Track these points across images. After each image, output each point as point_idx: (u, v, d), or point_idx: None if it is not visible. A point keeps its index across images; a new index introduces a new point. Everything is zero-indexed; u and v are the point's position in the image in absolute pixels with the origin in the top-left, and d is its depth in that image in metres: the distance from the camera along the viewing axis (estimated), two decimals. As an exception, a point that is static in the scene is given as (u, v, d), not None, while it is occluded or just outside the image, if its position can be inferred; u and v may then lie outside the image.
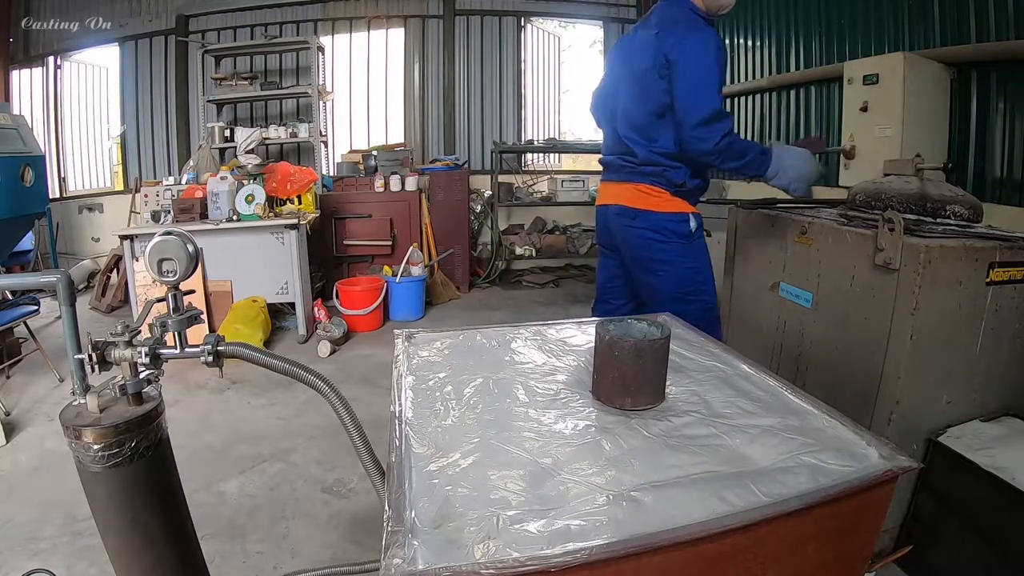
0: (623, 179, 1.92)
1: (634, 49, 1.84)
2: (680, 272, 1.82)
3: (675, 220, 1.81)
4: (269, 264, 3.77)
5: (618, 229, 1.93)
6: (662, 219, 1.82)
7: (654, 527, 0.66)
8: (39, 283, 1.15)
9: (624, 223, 1.89)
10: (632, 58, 1.84)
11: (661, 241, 1.82)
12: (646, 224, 1.84)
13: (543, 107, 6.27)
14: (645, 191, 1.85)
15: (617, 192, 1.94)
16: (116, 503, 1.01)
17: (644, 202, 1.84)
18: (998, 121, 2.56)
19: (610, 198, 1.97)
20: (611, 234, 1.99)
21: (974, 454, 1.48)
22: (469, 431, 0.90)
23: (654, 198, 1.83)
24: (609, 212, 1.97)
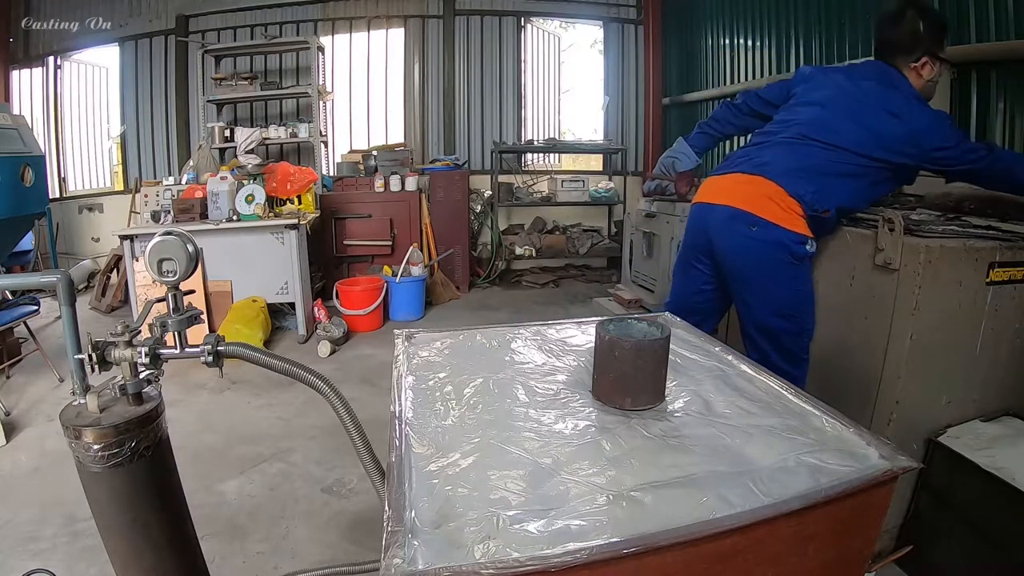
0: (753, 171, 1.72)
1: (859, 90, 1.74)
2: (785, 294, 1.71)
3: (795, 239, 1.66)
4: (269, 264, 3.77)
5: (726, 234, 1.73)
6: (784, 235, 1.65)
7: (654, 527, 0.66)
8: (39, 283, 1.15)
9: (738, 229, 1.69)
10: (857, 96, 1.73)
11: (778, 259, 1.67)
12: (767, 237, 1.66)
13: (543, 107, 6.27)
14: (778, 200, 1.66)
15: (737, 188, 1.73)
16: (116, 503, 1.01)
17: (771, 212, 1.65)
18: (998, 121, 2.56)
19: (723, 197, 1.76)
20: (710, 239, 1.79)
21: (974, 454, 1.48)
22: (469, 431, 0.90)
23: (783, 212, 1.65)
24: (716, 213, 1.76)
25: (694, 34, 5.26)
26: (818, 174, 1.67)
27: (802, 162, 1.69)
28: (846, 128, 1.69)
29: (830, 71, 1.89)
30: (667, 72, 5.78)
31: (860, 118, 1.69)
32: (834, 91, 1.78)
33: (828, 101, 1.76)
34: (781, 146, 1.75)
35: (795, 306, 1.72)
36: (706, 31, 5.04)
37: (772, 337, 1.73)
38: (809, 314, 1.75)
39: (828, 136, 1.69)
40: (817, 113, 1.75)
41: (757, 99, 2.01)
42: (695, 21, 5.22)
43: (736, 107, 2.07)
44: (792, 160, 1.70)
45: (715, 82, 4.92)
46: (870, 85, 1.73)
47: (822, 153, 1.69)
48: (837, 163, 1.68)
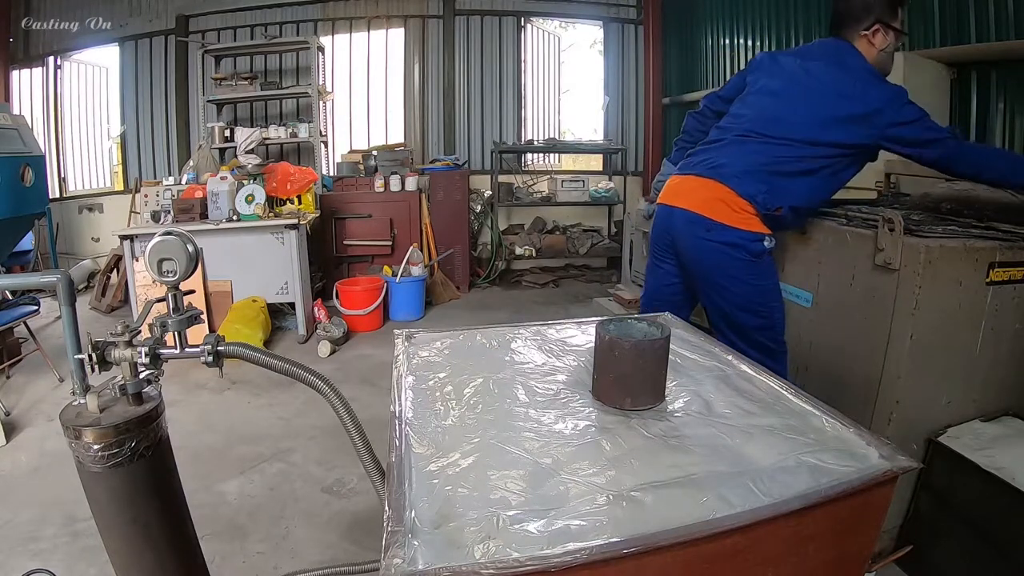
0: (708, 175, 1.74)
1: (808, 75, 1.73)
2: (747, 290, 1.73)
3: (750, 238, 1.69)
4: (269, 264, 3.77)
5: (685, 236, 1.78)
6: (738, 235, 1.68)
7: (654, 527, 0.66)
8: (39, 283, 1.15)
9: (695, 232, 1.74)
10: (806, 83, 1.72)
11: (733, 258, 1.70)
12: (720, 238, 1.69)
13: (543, 107, 6.27)
14: (730, 203, 1.68)
15: (693, 193, 1.76)
16: (116, 503, 1.02)
17: (724, 215, 1.68)
18: (998, 121, 2.56)
19: (681, 200, 1.79)
20: (673, 239, 1.83)
21: (974, 454, 1.48)
22: (469, 431, 0.90)
23: (736, 213, 1.68)
24: (676, 215, 1.79)
25: (694, 34, 5.26)
26: (770, 173, 1.68)
27: (753, 161, 1.69)
28: (795, 117, 1.69)
29: (781, 56, 1.88)
30: (667, 72, 5.78)
31: (809, 105, 1.68)
32: (782, 79, 1.78)
33: (777, 91, 1.77)
34: (733, 145, 1.76)
35: (759, 301, 1.74)
36: (706, 31, 5.04)
37: (744, 333, 1.75)
38: (775, 308, 1.77)
39: (778, 129, 1.70)
40: (766, 104, 1.76)
41: (717, 100, 2.01)
42: (695, 21, 5.23)
43: (700, 114, 2.07)
44: (743, 160, 1.71)
45: (715, 82, 4.91)
46: (818, 66, 1.72)
47: (773, 149, 1.69)
48: (789, 159, 1.68)
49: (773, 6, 4.09)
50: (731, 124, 1.83)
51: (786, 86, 1.75)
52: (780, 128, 1.70)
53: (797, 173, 1.69)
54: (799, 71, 1.75)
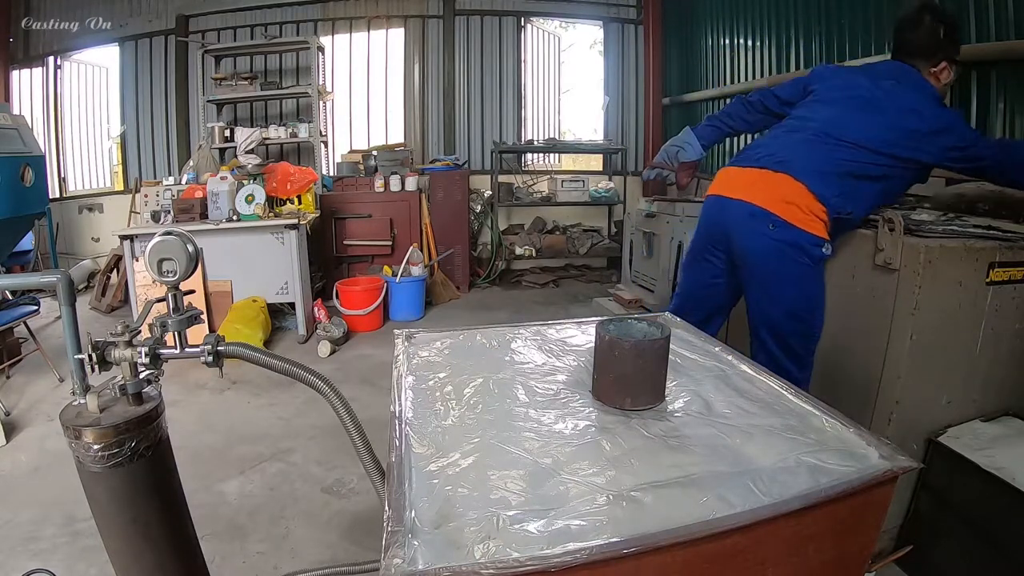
0: (773, 167, 1.68)
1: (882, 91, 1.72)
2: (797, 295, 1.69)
3: (814, 242, 1.64)
4: (269, 264, 3.77)
5: (745, 232, 1.71)
6: (803, 237, 1.63)
7: (654, 527, 0.66)
8: (39, 283, 1.15)
9: (757, 227, 1.67)
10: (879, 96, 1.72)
11: (795, 260, 1.65)
12: (786, 237, 1.63)
13: (543, 107, 6.27)
14: (799, 202, 1.63)
15: (754, 184, 1.71)
16: (116, 503, 1.01)
17: (791, 213, 1.63)
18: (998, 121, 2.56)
19: (742, 192, 1.72)
20: (727, 233, 1.76)
21: (974, 454, 1.48)
22: (469, 431, 0.90)
23: (804, 213, 1.63)
24: (734, 207, 1.72)
25: (694, 34, 5.26)
26: (844, 175, 1.65)
27: (827, 162, 1.66)
28: (869, 127, 1.67)
29: (849, 70, 1.88)
30: (667, 72, 5.78)
31: (883, 117, 1.68)
32: (856, 90, 1.77)
33: (849, 100, 1.75)
34: (804, 144, 1.71)
35: (808, 308, 1.70)
36: (706, 31, 5.04)
37: (781, 339, 1.72)
38: (820, 317, 1.73)
39: (852, 135, 1.67)
40: (839, 112, 1.74)
41: (773, 98, 1.99)
42: (695, 21, 5.23)
43: (751, 104, 2.04)
44: (816, 159, 1.67)
45: (715, 82, 4.92)
46: (891, 84, 1.73)
47: (847, 152, 1.66)
48: (862, 164, 1.67)
49: (773, 6, 4.09)
50: (798, 125, 1.79)
51: (859, 96, 1.74)
52: (853, 134, 1.67)
53: (868, 178, 1.68)
54: (871, 85, 1.76)
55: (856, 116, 1.70)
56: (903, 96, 1.69)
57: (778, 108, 1.96)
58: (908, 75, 1.74)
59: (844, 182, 1.65)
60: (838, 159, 1.66)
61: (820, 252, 1.65)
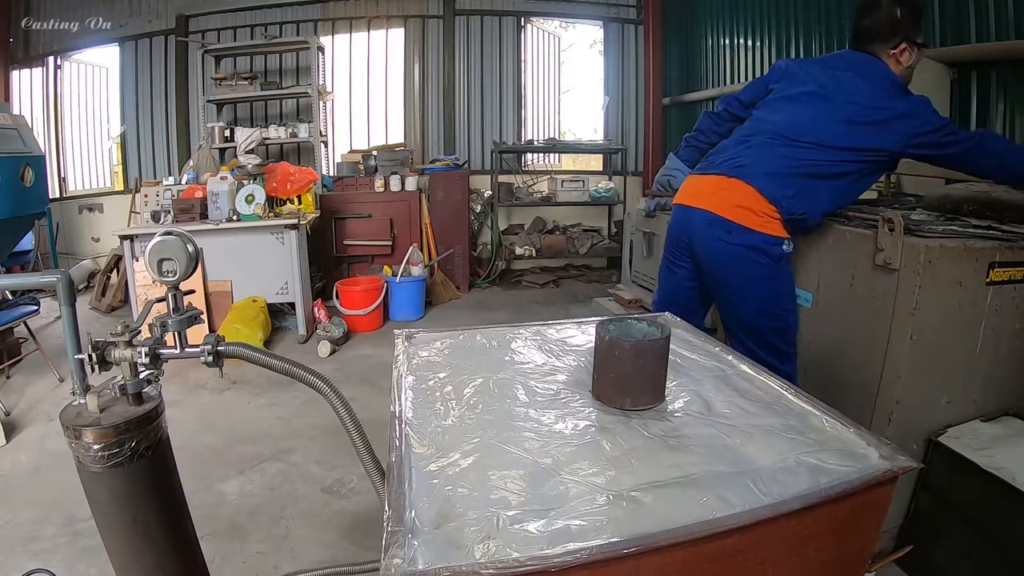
0: (732, 173, 1.71)
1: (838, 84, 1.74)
2: (764, 294, 1.72)
3: (771, 241, 1.68)
4: (269, 264, 3.77)
5: (704, 239, 1.76)
6: (759, 239, 1.67)
7: (654, 527, 0.66)
8: (39, 283, 1.15)
9: (715, 234, 1.72)
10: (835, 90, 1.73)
11: (756, 261, 1.69)
12: (741, 241, 1.68)
13: (543, 107, 6.27)
14: (752, 205, 1.66)
15: (714, 194, 1.74)
16: (116, 503, 1.02)
17: (746, 218, 1.67)
18: (998, 121, 2.56)
19: (701, 201, 1.77)
20: (691, 241, 1.81)
21: (974, 454, 1.48)
22: (469, 431, 0.90)
23: (758, 216, 1.66)
24: (695, 216, 1.77)
25: (694, 34, 5.26)
26: (798, 176, 1.67)
27: (782, 164, 1.68)
28: (827, 123, 1.68)
29: (807, 64, 1.87)
30: (667, 72, 5.78)
31: (840, 111, 1.68)
32: (812, 85, 1.77)
33: (807, 96, 1.76)
34: (761, 147, 1.74)
35: (776, 304, 1.73)
36: (706, 31, 5.04)
37: (756, 334, 1.74)
38: (791, 310, 1.76)
39: (809, 134, 1.69)
40: (796, 110, 1.75)
41: (736, 103, 2.00)
42: (695, 21, 5.23)
43: (717, 115, 2.05)
44: (771, 162, 1.69)
45: (715, 82, 4.92)
46: (848, 76, 1.73)
47: (803, 153, 1.68)
48: (819, 163, 1.68)
49: (773, 6, 4.09)
50: (757, 127, 1.81)
51: (815, 92, 1.75)
52: (809, 133, 1.69)
53: (824, 177, 1.69)
54: (828, 79, 1.75)
55: (811, 113, 1.72)
56: (860, 86, 1.69)
57: (743, 112, 1.97)
58: (866, 63, 1.74)
59: (799, 182, 1.67)
60: (794, 160, 1.68)
61: (780, 250, 1.69)
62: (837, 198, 1.75)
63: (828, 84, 1.74)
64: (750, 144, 1.77)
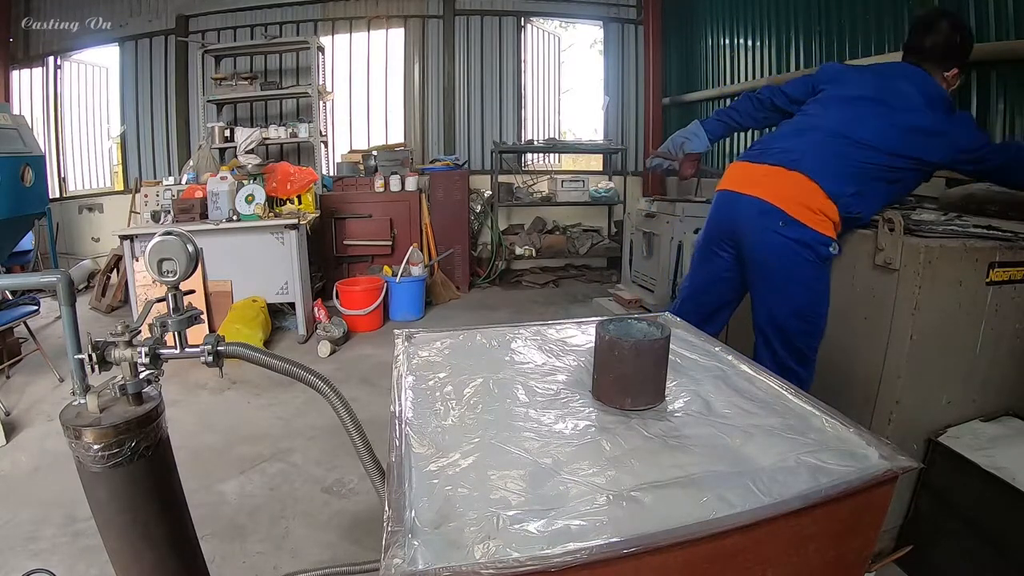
0: (786, 164, 1.68)
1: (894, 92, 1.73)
2: (804, 294, 1.69)
3: (822, 241, 1.65)
4: (269, 264, 3.77)
5: (754, 228, 1.71)
6: (812, 236, 1.64)
7: (654, 527, 0.66)
8: (39, 283, 1.15)
9: (767, 224, 1.67)
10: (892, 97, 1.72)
11: (801, 258, 1.66)
12: (795, 235, 1.64)
13: (543, 107, 6.27)
14: (810, 200, 1.64)
15: (768, 183, 1.70)
16: (116, 503, 1.01)
17: (802, 212, 1.64)
18: (998, 121, 2.56)
19: (754, 188, 1.72)
20: (736, 228, 1.77)
21: (974, 454, 1.48)
22: (469, 431, 0.90)
23: (814, 212, 1.63)
24: (745, 203, 1.72)
25: (694, 34, 5.26)
26: (859, 176, 1.66)
27: (841, 161, 1.66)
28: (887, 128, 1.67)
29: (860, 70, 1.87)
30: (667, 72, 5.78)
31: (900, 119, 1.68)
32: (870, 91, 1.76)
33: (865, 101, 1.74)
34: (819, 143, 1.70)
35: (813, 308, 1.71)
36: (706, 31, 5.04)
37: (785, 337, 1.72)
38: (824, 316, 1.73)
39: (866, 136, 1.67)
40: (856, 112, 1.73)
41: (782, 96, 1.98)
42: (695, 21, 5.23)
43: (759, 101, 2.02)
44: (831, 159, 1.67)
45: (715, 82, 4.92)
46: (904, 85, 1.73)
47: (862, 153, 1.66)
48: (877, 166, 1.67)
49: (773, 6, 4.09)
50: (812, 123, 1.78)
51: (874, 98, 1.74)
52: (870, 136, 1.67)
53: (882, 180, 1.69)
54: (884, 86, 1.75)
55: (869, 117, 1.70)
56: (915, 98, 1.69)
57: (787, 106, 1.95)
58: (919, 77, 1.75)
59: (859, 183, 1.65)
60: (854, 160, 1.66)
61: (827, 251, 1.66)
62: (887, 199, 1.75)
63: (886, 91, 1.74)
64: (806, 139, 1.73)
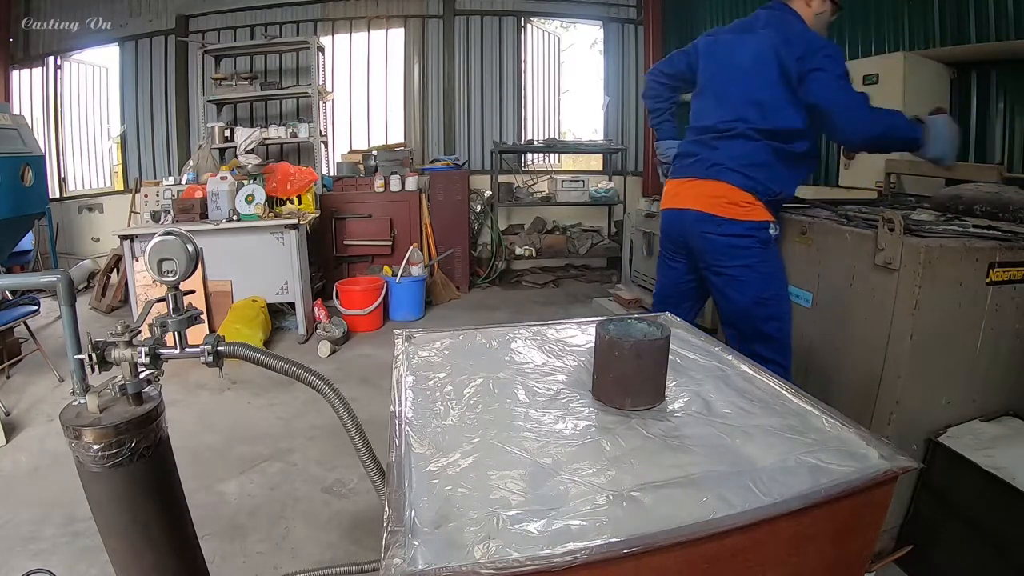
0: (708, 175, 1.82)
1: (744, 48, 1.82)
2: (756, 279, 1.79)
3: (757, 227, 1.77)
4: (269, 264, 3.77)
5: (697, 235, 1.85)
6: (746, 226, 1.77)
7: (654, 527, 0.66)
8: (39, 283, 1.15)
9: (705, 230, 1.82)
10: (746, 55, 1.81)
11: (743, 248, 1.78)
12: (731, 231, 1.78)
13: (543, 107, 6.27)
14: (732, 198, 1.77)
15: (697, 195, 1.85)
16: (116, 503, 1.02)
17: (729, 210, 1.77)
18: (998, 121, 2.56)
19: (688, 202, 1.88)
20: (686, 240, 1.91)
21: (974, 454, 1.48)
22: (469, 431, 0.90)
23: (741, 207, 1.76)
24: (686, 216, 1.88)
25: (694, 34, 5.21)
26: (761, 162, 1.76)
27: (742, 154, 1.77)
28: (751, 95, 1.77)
29: (723, 39, 1.94)
30: (667, 72, 5.77)
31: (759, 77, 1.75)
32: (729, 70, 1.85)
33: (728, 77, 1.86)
34: (716, 145, 1.84)
35: (769, 290, 1.80)
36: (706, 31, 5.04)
37: (753, 325, 1.80)
38: (784, 296, 1.84)
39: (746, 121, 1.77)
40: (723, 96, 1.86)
41: (662, 75, 2.13)
42: (695, 21, 5.22)
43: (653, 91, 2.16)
44: (733, 156, 1.79)
45: (715, 82, 4.91)
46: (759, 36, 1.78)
47: (750, 142, 1.77)
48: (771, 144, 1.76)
49: (773, 6, 4.09)
50: (704, 123, 1.91)
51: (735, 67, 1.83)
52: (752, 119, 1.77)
53: (780, 154, 1.77)
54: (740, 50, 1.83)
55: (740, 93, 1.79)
56: (769, 42, 1.75)
57: (671, 82, 2.11)
58: (777, 19, 1.80)
59: (765, 167, 1.76)
60: (749, 149, 1.77)
61: (767, 234, 1.78)
62: (800, 168, 1.83)
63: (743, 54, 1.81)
64: (707, 143, 1.87)
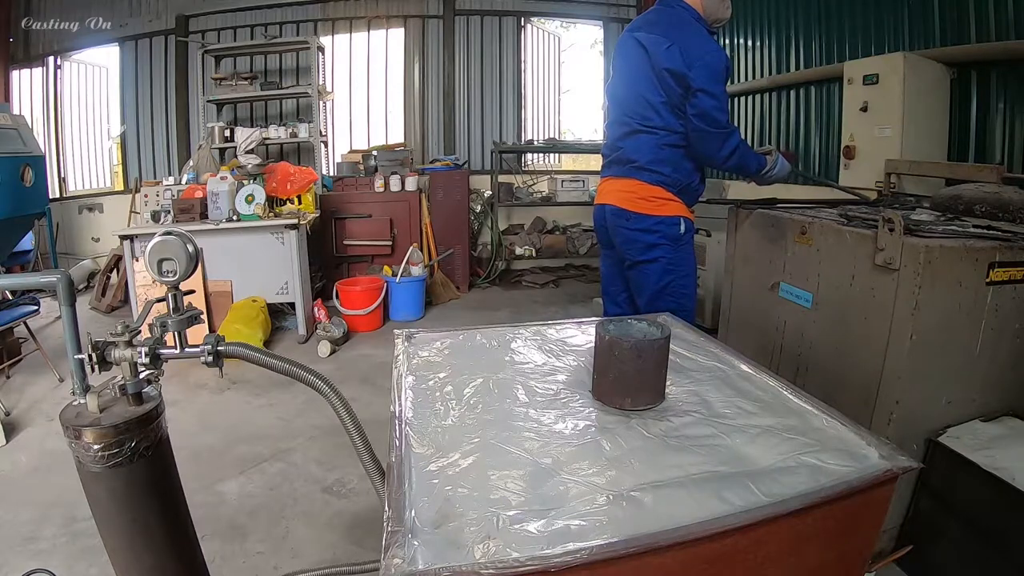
0: (624, 174, 1.97)
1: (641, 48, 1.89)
2: (662, 269, 1.93)
3: (667, 223, 1.91)
4: (269, 264, 3.76)
5: (614, 229, 2.02)
6: (654, 222, 1.91)
7: (654, 527, 0.66)
8: (39, 283, 1.15)
9: (619, 223, 1.98)
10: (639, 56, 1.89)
11: (651, 243, 1.93)
12: (639, 226, 1.93)
13: (543, 107, 6.27)
14: (643, 194, 1.91)
15: (615, 191, 2.00)
16: (116, 503, 1.02)
17: (639, 205, 1.92)
18: (998, 121, 2.56)
19: (607, 197, 2.04)
20: (608, 232, 2.08)
21: (974, 454, 1.48)
22: (469, 431, 0.90)
23: (649, 202, 1.91)
24: (607, 212, 2.04)
25: (694, 34, 5.25)
26: (665, 160, 1.88)
27: (648, 150, 1.89)
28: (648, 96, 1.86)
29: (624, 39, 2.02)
30: (667, 72, 5.77)
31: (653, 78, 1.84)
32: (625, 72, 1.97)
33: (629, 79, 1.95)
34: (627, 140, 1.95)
35: (676, 285, 1.94)
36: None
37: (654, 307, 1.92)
38: (690, 291, 1.99)
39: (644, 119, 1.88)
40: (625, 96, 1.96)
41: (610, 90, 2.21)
42: (695, 21, 5.22)
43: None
44: (639, 153, 1.91)
45: (715, 82, 4.91)
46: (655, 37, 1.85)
47: (651, 138, 1.88)
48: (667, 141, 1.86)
49: (773, 6, 4.09)
50: (613, 120, 2.05)
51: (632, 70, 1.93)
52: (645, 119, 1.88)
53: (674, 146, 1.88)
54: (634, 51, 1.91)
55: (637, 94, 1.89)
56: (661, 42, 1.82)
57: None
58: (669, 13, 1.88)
59: (666, 161, 1.88)
60: (655, 143, 1.88)
61: (676, 231, 1.92)
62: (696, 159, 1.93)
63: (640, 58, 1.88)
64: (619, 143, 1.99)
